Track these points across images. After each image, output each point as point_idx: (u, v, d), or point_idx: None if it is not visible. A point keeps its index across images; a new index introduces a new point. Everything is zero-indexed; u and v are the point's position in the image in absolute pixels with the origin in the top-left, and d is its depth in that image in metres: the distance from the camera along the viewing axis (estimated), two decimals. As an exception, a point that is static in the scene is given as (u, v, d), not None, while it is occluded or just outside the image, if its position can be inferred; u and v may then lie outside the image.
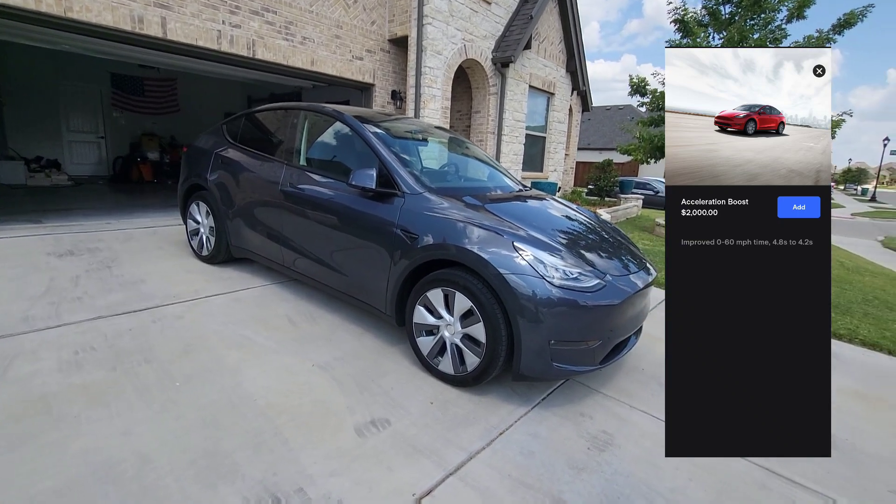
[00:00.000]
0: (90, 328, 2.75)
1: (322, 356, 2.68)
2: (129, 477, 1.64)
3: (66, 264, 3.82)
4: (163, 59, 6.64)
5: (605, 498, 1.78)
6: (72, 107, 9.89)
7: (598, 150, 28.04)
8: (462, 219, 2.49)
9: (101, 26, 4.54)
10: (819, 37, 8.01)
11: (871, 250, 9.95)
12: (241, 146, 3.93)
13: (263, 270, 4.11)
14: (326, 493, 1.67)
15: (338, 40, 6.92)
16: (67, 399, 2.05)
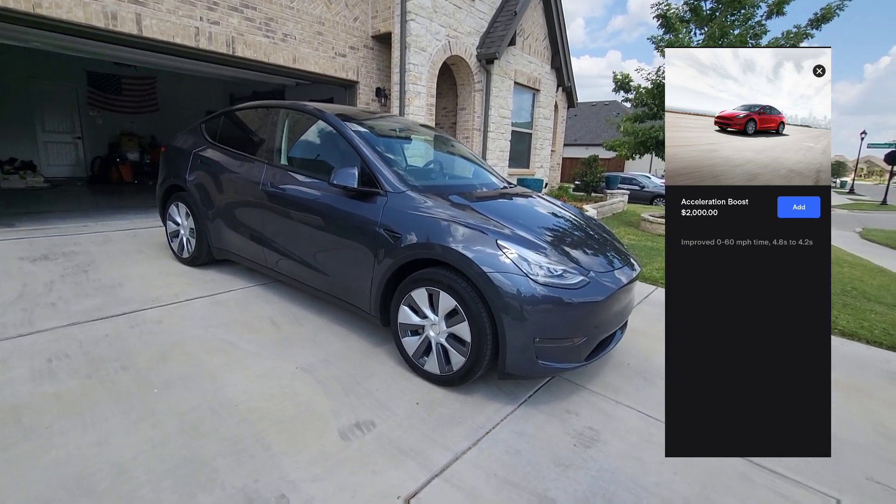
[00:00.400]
0: (64, 335, 2.66)
1: (306, 358, 2.64)
2: (102, 489, 1.59)
3: (40, 269, 3.71)
4: (140, 57, 6.47)
5: (592, 494, 1.78)
6: (47, 106, 9.62)
7: (585, 147, 28.22)
8: (446, 217, 2.46)
9: (73, 23, 4.40)
10: (797, 32, 8.12)
11: (849, 242, 10.17)
12: (220, 145, 3.85)
13: (246, 272, 4.04)
14: (309, 498, 1.64)
15: (320, 37, 6.83)
16: (39, 409, 1.99)
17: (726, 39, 8.20)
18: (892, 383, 2.91)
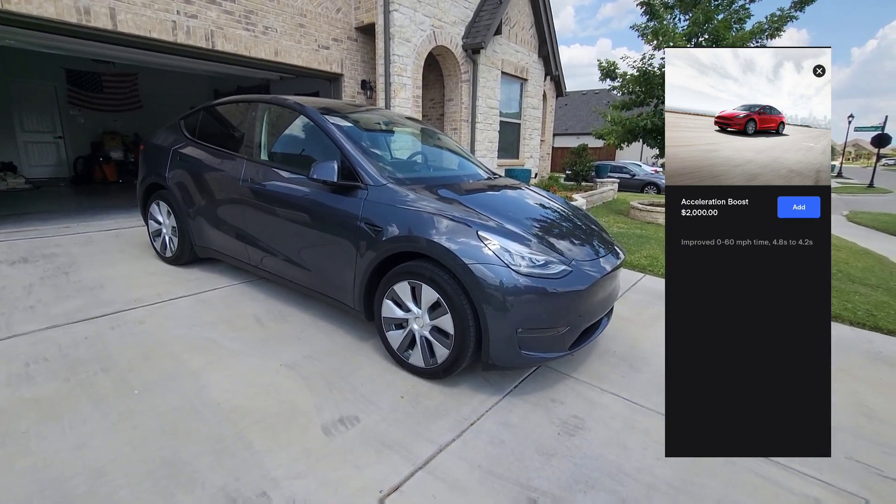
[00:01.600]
0: (43, 338, 2.62)
1: (291, 355, 2.62)
2: (80, 493, 1.57)
3: (19, 272, 3.64)
4: (117, 53, 6.34)
5: (575, 482, 1.79)
6: (25, 106, 9.40)
7: (576, 136, 28.20)
8: (429, 210, 2.44)
9: (44, 18, 4.29)
10: (781, 15, 8.12)
11: (836, 225, 10.28)
12: (199, 142, 3.78)
13: (231, 270, 4.00)
14: (291, 495, 1.63)
15: (302, 29, 6.72)
16: (16, 414, 1.95)
17: (710, 25, 8.19)
18: (875, 364, 2.95)
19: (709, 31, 8.27)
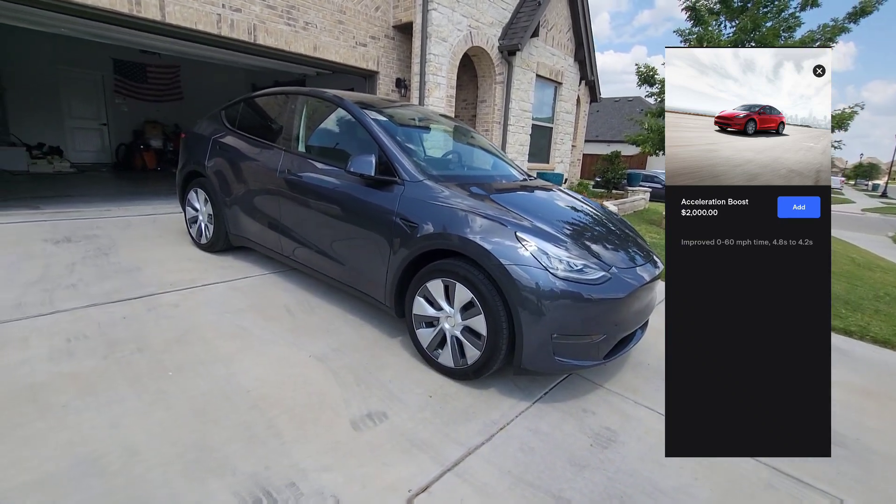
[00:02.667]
0: (83, 316, 2.69)
1: (320, 347, 2.62)
2: (114, 470, 1.59)
3: (63, 251, 3.77)
4: (163, 44, 6.53)
5: (608, 497, 1.72)
6: (73, 93, 9.81)
7: (607, 143, 27.72)
8: (464, 208, 2.40)
9: (98, 8, 4.44)
10: (834, 26, 7.77)
11: (881, 246, 9.77)
12: (239, 132, 3.84)
13: (263, 259, 4.05)
14: (319, 488, 1.61)
15: (341, 26, 6.78)
16: (56, 388, 2.00)
17: (758, 32, 7.90)
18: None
19: (756, 39, 7.98)
